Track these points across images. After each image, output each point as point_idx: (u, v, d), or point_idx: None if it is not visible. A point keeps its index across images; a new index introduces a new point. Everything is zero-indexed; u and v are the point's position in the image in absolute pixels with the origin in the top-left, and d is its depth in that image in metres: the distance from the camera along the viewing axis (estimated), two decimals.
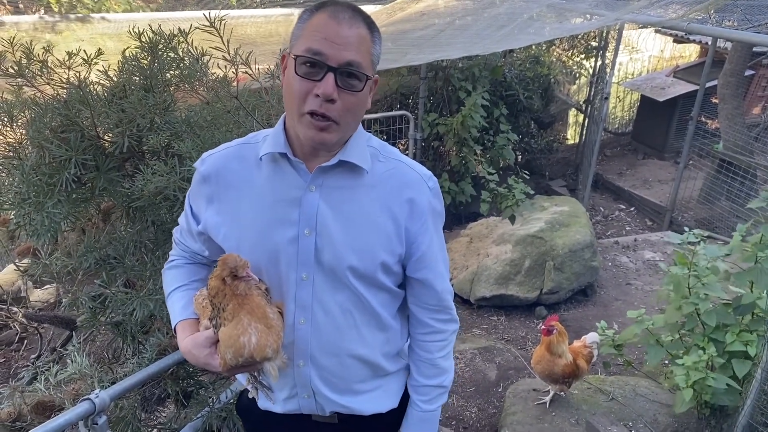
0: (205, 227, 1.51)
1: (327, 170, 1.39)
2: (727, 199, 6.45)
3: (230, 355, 1.29)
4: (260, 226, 1.42)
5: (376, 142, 1.49)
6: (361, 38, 1.29)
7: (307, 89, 1.27)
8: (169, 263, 1.68)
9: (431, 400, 1.66)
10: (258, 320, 1.29)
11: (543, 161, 8.64)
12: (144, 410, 2.52)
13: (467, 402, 3.89)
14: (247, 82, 2.44)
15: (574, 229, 5.53)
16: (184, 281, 1.61)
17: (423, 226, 1.46)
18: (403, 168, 1.46)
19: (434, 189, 1.49)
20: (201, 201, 1.51)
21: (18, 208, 2.05)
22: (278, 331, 1.34)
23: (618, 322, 4.89)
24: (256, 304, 1.30)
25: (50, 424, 1.59)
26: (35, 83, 2.13)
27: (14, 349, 4.61)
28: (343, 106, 1.29)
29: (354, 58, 1.27)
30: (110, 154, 2.20)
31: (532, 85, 7.65)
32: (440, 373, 1.65)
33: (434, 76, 6.78)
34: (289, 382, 1.55)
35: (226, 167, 1.46)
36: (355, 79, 1.29)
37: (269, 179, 1.42)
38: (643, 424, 3.14)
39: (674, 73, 8.85)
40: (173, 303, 1.57)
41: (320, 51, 1.25)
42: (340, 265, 1.41)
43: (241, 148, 1.49)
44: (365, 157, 1.41)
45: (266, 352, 1.30)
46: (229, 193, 1.45)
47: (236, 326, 1.28)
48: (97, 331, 2.65)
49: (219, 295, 1.29)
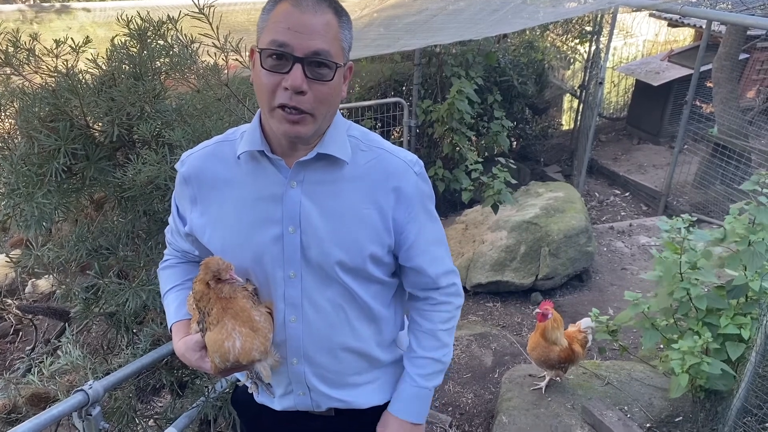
0: (191, 229, 1.49)
1: (306, 164, 1.36)
2: (722, 183, 6.46)
3: (218, 359, 1.30)
4: (243, 226, 1.40)
5: (357, 131, 1.46)
6: (328, 25, 1.25)
7: (276, 82, 1.24)
8: (164, 263, 1.68)
9: (428, 376, 1.58)
10: (242, 324, 1.29)
11: (538, 147, 8.63)
12: (139, 400, 2.51)
13: (463, 388, 3.90)
14: (238, 70, 2.41)
15: (570, 215, 5.53)
16: (178, 281, 1.61)
17: (411, 214, 1.43)
18: (387, 156, 1.43)
19: (420, 173, 1.46)
20: (185, 202, 1.49)
21: (7, 199, 2.03)
22: (265, 333, 1.33)
23: (613, 307, 4.91)
24: (241, 308, 1.30)
25: (44, 415, 1.58)
26: (23, 72, 2.10)
27: (9, 341, 4.61)
28: (314, 96, 1.25)
29: (321, 47, 1.23)
30: (100, 143, 2.18)
31: (526, 71, 7.61)
32: (441, 347, 1.58)
33: (428, 62, 6.74)
34: (284, 380, 1.54)
35: (205, 168, 1.44)
36: (325, 68, 1.25)
37: (249, 178, 1.40)
38: (638, 407, 3.16)
39: (669, 58, 8.82)
40: (168, 304, 1.57)
41: (285, 42, 1.21)
42: (327, 260, 1.39)
43: (219, 146, 1.46)
44: (345, 149, 1.38)
45: (252, 355, 1.31)
46: (211, 194, 1.43)
47: (220, 331, 1.28)
48: (91, 322, 2.63)
49: (204, 299, 1.29)
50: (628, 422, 2.94)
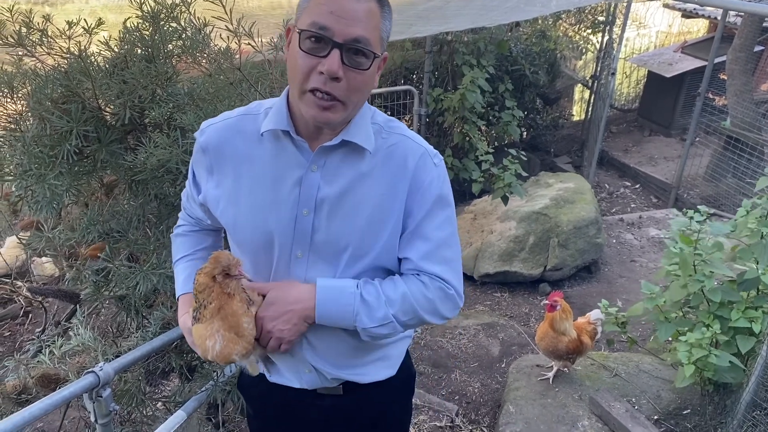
0: (204, 198, 1.48)
1: (329, 150, 1.35)
2: (733, 176, 6.41)
3: (201, 352, 1.33)
4: (259, 205, 1.39)
5: (381, 118, 1.44)
6: (370, 13, 1.23)
7: (311, 66, 1.22)
8: (177, 227, 1.69)
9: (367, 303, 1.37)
10: (228, 328, 1.29)
11: (548, 138, 8.57)
12: (148, 383, 2.53)
13: (470, 377, 3.90)
14: (251, 55, 2.40)
15: (579, 206, 5.50)
16: (189, 250, 1.62)
17: (421, 204, 1.40)
18: (408, 142, 1.41)
19: (440, 166, 1.43)
20: (201, 171, 1.48)
21: (19, 180, 2.03)
22: (250, 339, 1.33)
23: (622, 299, 4.89)
24: (232, 312, 1.29)
25: (55, 396, 1.59)
26: (35, 53, 2.10)
27: (19, 323, 4.64)
28: (348, 84, 1.24)
29: (361, 34, 1.21)
30: (112, 126, 2.18)
31: (538, 60, 7.55)
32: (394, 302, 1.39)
33: (439, 50, 6.69)
34: (289, 359, 1.54)
35: (225, 140, 1.42)
36: (362, 57, 1.23)
37: (270, 157, 1.38)
38: (646, 400, 3.15)
39: (682, 49, 8.73)
40: (178, 274, 1.59)
41: (326, 26, 1.19)
42: (336, 246, 1.38)
43: (242, 119, 1.44)
44: (369, 138, 1.37)
45: (231, 357, 1.32)
46: (228, 167, 1.42)
47: (206, 328, 1.29)
48: (101, 305, 2.65)
49: (205, 291, 1.29)
50: (636, 414, 2.93)
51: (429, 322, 1.46)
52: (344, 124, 1.34)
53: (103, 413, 1.75)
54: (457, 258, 1.48)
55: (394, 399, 1.75)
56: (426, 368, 3.97)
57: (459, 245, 1.50)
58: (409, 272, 1.44)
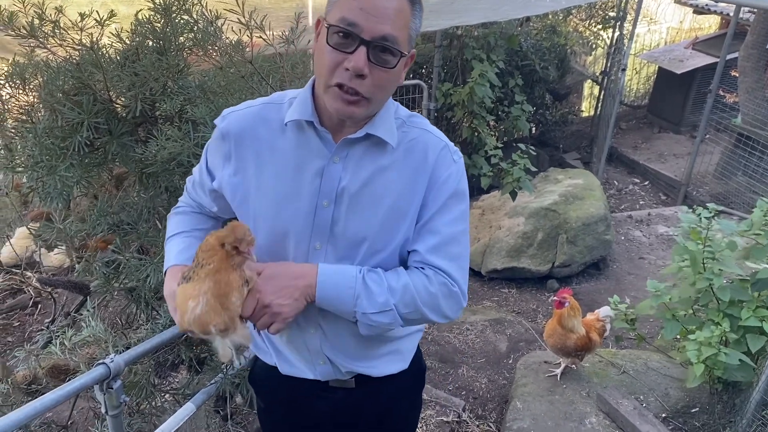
0: (220, 186, 1.47)
1: (352, 142, 1.35)
2: (744, 174, 6.37)
3: (179, 313, 1.24)
4: (280, 195, 1.38)
5: (404, 113, 1.44)
6: (400, 11, 1.22)
7: (338, 61, 1.22)
8: (176, 209, 1.65)
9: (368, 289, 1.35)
10: (216, 296, 1.21)
11: (557, 133, 8.53)
12: (157, 375, 2.53)
13: (477, 373, 3.90)
14: (262, 48, 2.39)
15: (588, 203, 5.48)
16: (186, 228, 1.57)
17: (437, 194, 1.40)
18: (429, 137, 1.41)
19: (459, 163, 1.43)
20: (218, 157, 1.46)
21: (31, 171, 2.04)
22: (233, 316, 1.24)
23: (630, 296, 4.88)
24: (227, 281, 1.21)
25: (67, 387, 1.59)
26: (48, 45, 2.10)
27: (28, 313, 4.67)
28: (373, 82, 1.23)
29: (390, 33, 1.21)
30: (123, 118, 2.18)
31: (548, 56, 7.50)
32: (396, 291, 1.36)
33: (449, 45, 6.66)
34: (303, 349, 1.54)
35: (247, 129, 1.41)
36: (389, 55, 1.23)
37: (293, 147, 1.38)
38: (654, 397, 3.14)
39: (693, 45, 8.67)
40: (170, 247, 1.52)
41: (355, 22, 1.19)
42: (354, 238, 1.38)
43: (265, 108, 1.43)
44: (392, 132, 1.37)
45: (208, 327, 1.22)
46: (248, 155, 1.41)
47: (194, 287, 1.21)
48: (110, 296, 2.65)
49: (209, 252, 1.22)
50: (644, 411, 2.92)
51: (430, 319, 1.42)
52: (368, 118, 1.34)
53: (114, 405, 1.76)
54: (465, 256, 1.46)
55: (404, 393, 1.75)
56: (433, 363, 3.97)
57: (468, 244, 1.49)
58: (414, 264, 1.42)
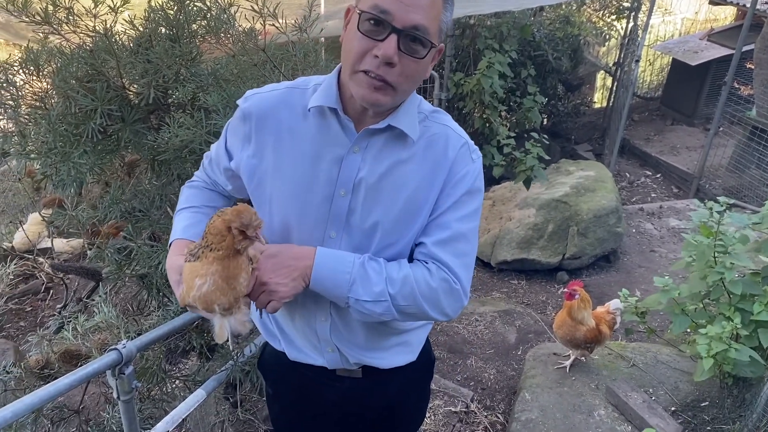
0: (237, 167, 1.47)
1: (374, 133, 1.34)
2: (757, 167, 6.31)
3: (185, 289, 1.25)
4: (297, 181, 1.38)
5: (427, 107, 1.43)
6: (433, 2, 1.22)
7: (367, 48, 1.21)
8: (190, 182, 1.66)
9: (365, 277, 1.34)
10: (224, 278, 1.22)
11: (569, 125, 8.49)
12: (168, 362, 2.55)
13: (486, 364, 3.90)
14: (275, 36, 2.39)
15: (600, 195, 5.45)
16: (197, 203, 1.57)
17: (452, 191, 1.39)
18: (449, 133, 1.40)
19: (477, 162, 1.42)
20: (238, 138, 1.46)
21: (44, 158, 2.05)
22: (237, 297, 1.26)
23: (641, 289, 4.86)
24: (236, 264, 1.23)
25: (80, 372, 1.60)
26: (61, 31, 2.10)
27: (41, 299, 4.71)
28: (402, 71, 1.23)
29: (421, 22, 1.20)
30: (136, 105, 2.18)
31: (561, 46, 7.45)
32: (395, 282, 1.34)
33: (461, 34, 6.63)
34: (313, 336, 1.54)
35: (269, 111, 1.40)
36: (419, 45, 1.22)
37: (314, 133, 1.37)
38: (663, 391, 3.13)
39: (708, 37, 8.58)
40: (178, 220, 1.53)
41: (387, 10, 1.18)
42: (370, 229, 1.38)
43: (289, 93, 1.43)
44: (414, 126, 1.36)
45: (212, 306, 1.24)
46: (269, 138, 1.40)
47: (201, 267, 1.22)
48: (122, 283, 2.67)
49: (218, 236, 1.22)
50: (653, 404, 2.91)
51: (429, 315, 1.39)
52: (392, 109, 1.33)
53: (125, 390, 1.77)
54: (471, 254, 1.44)
55: (412, 384, 1.75)
56: (442, 353, 3.98)
57: (477, 243, 1.47)
58: (419, 257, 1.41)
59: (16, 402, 1.43)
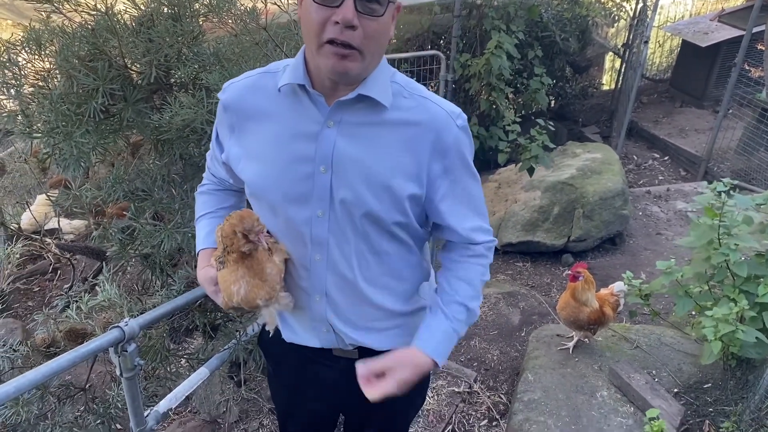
0: (227, 157, 1.49)
1: (346, 105, 1.33)
2: (766, 150, 6.25)
3: (226, 297, 1.38)
4: (277, 162, 1.38)
5: (401, 79, 1.42)
6: None
7: (326, 17, 1.20)
8: (201, 186, 1.71)
9: (460, 322, 1.50)
10: (253, 275, 1.35)
11: (577, 107, 8.43)
12: (172, 341, 2.58)
13: (489, 345, 3.91)
14: (276, 15, 2.38)
15: (606, 177, 5.42)
16: (211, 208, 1.64)
17: (447, 167, 1.40)
18: (429, 105, 1.39)
19: (463, 127, 1.41)
20: (224, 129, 1.49)
21: (47, 137, 2.05)
22: (273, 285, 1.39)
23: (646, 271, 4.84)
24: (257, 260, 1.35)
25: (82, 349, 1.62)
26: (63, 10, 2.09)
27: (48, 279, 4.75)
28: (364, 32, 1.22)
29: None
30: (138, 85, 2.18)
31: (569, 27, 7.37)
32: (475, 297, 1.52)
33: (468, 15, 6.57)
34: (308, 316, 1.55)
35: (245, 97, 1.42)
36: (376, 3, 1.21)
37: (287, 112, 1.38)
38: (666, 372, 3.13)
39: (719, 18, 8.46)
40: (199, 230, 1.63)
41: None
42: (355, 204, 1.37)
43: (262, 77, 1.44)
44: (386, 93, 1.35)
45: (256, 302, 1.37)
46: (248, 124, 1.42)
47: (231, 273, 1.34)
48: (126, 263, 2.69)
49: (229, 238, 1.32)
50: (656, 386, 2.92)
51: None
52: (362, 79, 1.32)
53: (128, 367, 1.79)
54: (485, 206, 1.56)
55: None
56: None
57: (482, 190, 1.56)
58: (459, 244, 1.53)
59: (20, 377, 1.44)
